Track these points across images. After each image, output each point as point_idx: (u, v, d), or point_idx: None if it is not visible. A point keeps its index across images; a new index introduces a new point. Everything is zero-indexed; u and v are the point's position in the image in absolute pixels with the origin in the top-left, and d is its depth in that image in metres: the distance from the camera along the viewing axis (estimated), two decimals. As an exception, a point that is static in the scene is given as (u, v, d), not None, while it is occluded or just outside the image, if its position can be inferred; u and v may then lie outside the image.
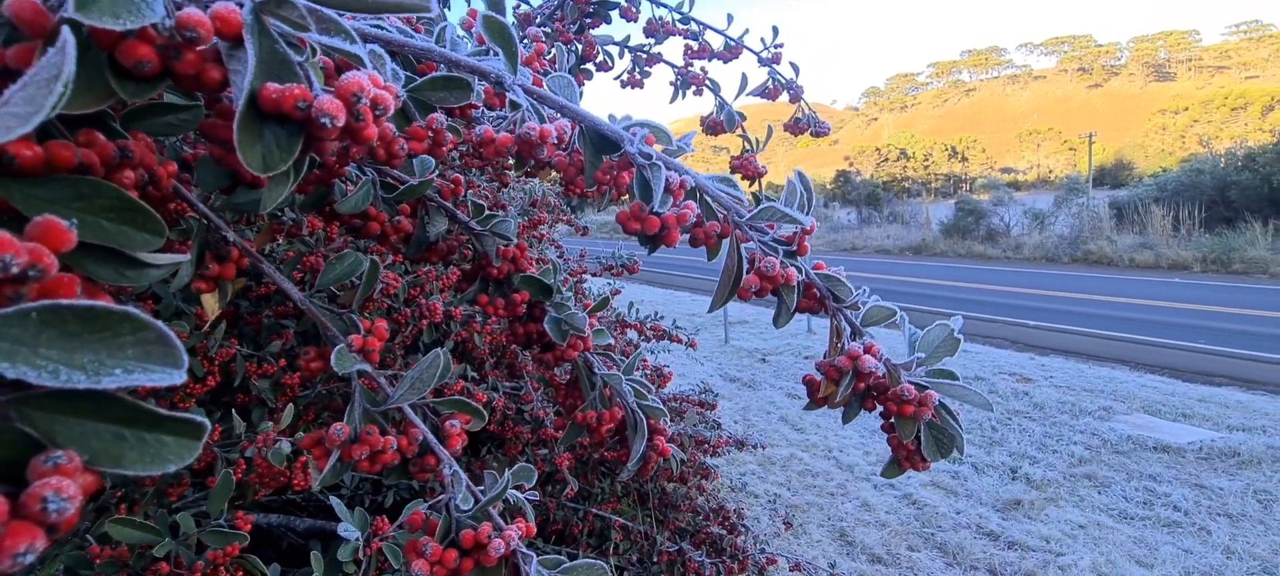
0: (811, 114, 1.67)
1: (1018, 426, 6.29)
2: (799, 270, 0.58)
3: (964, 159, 69.57)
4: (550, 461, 2.40)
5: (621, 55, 1.67)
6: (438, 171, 0.70)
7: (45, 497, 0.22)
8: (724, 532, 3.49)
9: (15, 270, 0.24)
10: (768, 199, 1.57)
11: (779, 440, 6.26)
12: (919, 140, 75.05)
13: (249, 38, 0.32)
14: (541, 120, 0.51)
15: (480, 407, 0.61)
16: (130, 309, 0.26)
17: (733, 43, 1.63)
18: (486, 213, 0.72)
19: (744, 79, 1.55)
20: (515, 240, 0.73)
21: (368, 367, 0.55)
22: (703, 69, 1.63)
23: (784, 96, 1.67)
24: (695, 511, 3.55)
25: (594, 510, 3.01)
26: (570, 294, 0.81)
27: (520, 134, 0.49)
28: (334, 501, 1.16)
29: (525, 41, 0.67)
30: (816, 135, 1.67)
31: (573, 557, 2.74)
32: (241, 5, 0.32)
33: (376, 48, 0.44)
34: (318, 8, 0.34)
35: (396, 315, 1.60)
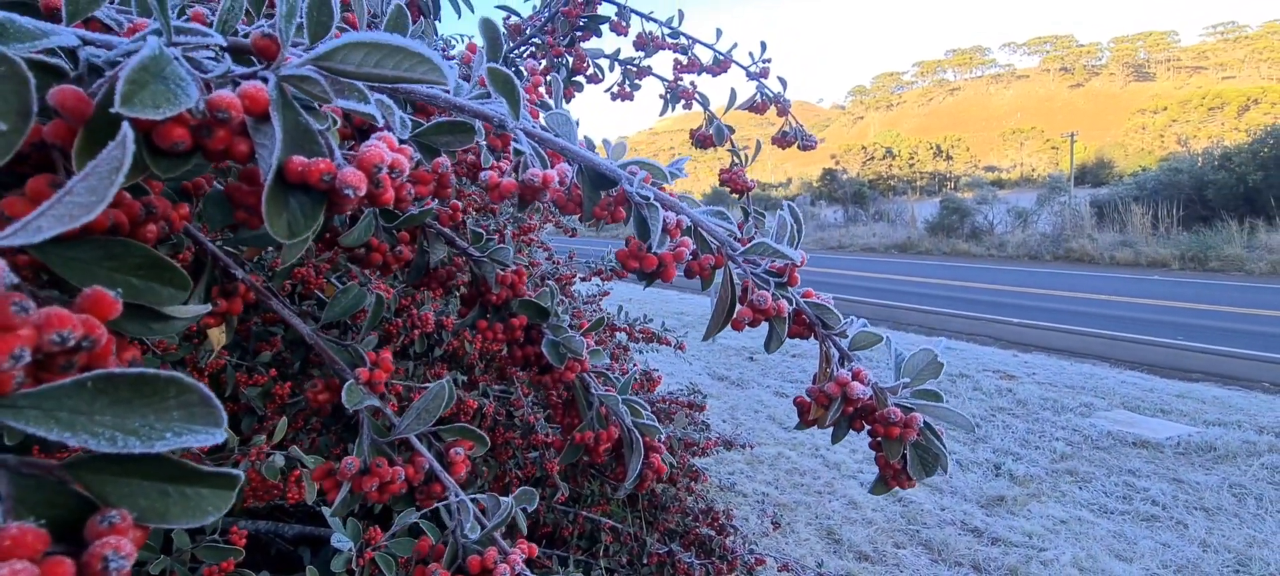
0: (799, 127, 1.70)
1: (1001, 423, 6.39)
2: (789, 300, 0.60)
3: (949, 157, 70.21)
4: (540, 465, 2.42)
5: (612, 68, 1.69)
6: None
7: (106, 557, 0.25)
8: (713, 533, 3.52)
9: (72, 343, 0.26)
10: (756, 212, 1.59)
11: (767, 438, 6.31)
12: (904, 139, 75.67)
13: (275, 114, 0.34)
14: (544, 164, 0.53)
15: (483, 434, 0.63)
16: (177, 375, 0.28)
17: (722, 57, 1.66)
18: (485, 239, 0.74)
19: (733, 94, 1.57)
20: (513, 266, 0.74)
21: (376, 402, 0.57)
22: (692, 83, 1.66)
23: (772, 110, 1.70)
24: (684, 512, 3.58)
25: (584, 512, 3.04)
26: (567, 315, 0.83)
27: (524, 180, 0.51)
28: (326, 510, 1.17)
29: (523, 74, 0.69)
30: (804, 148, 1.69)
31: (564, 562, 2.74)
32: (266, 81, 0.34)
33: (384, 98, 0.46)
34: (336, 77, 0.36)
35: (388, 325, 1.61)
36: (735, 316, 0.57)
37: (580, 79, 1.68)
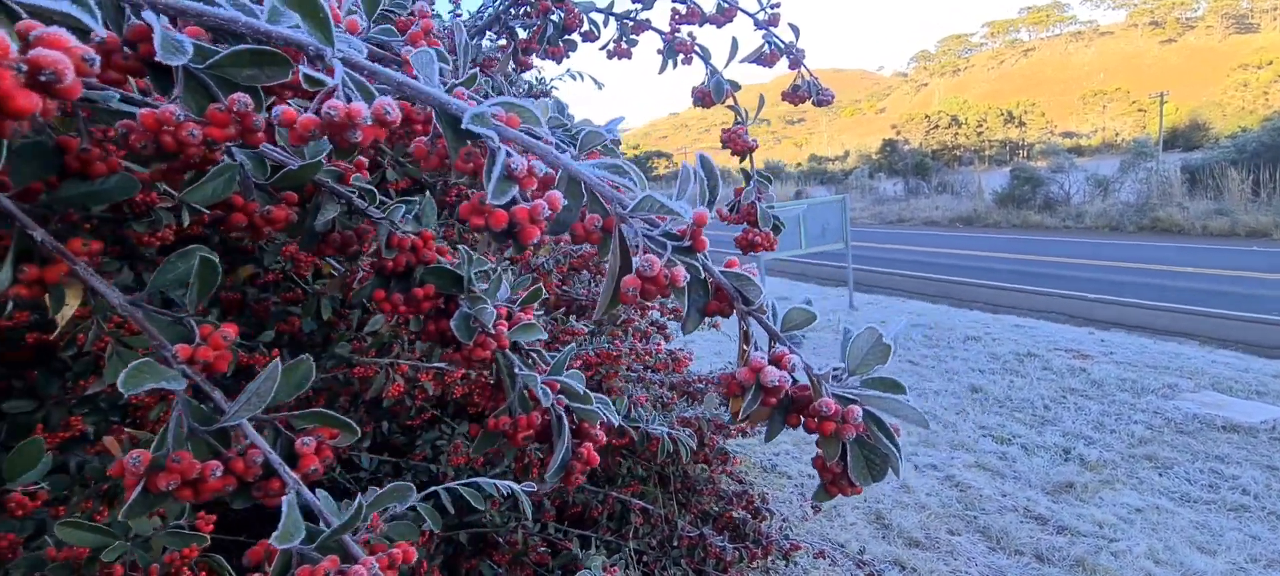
0: (813, 80, 1.54)
1: (1072, 404, 5.96)
2: (697, 268, 0.49)
3: (1021, 124, 66.20)
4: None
5: (607, 23, 1.57)
6: (332, 153, 0.64)
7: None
8: (748, 517, 3.41)
9: None
10: (758, 177, 1.45)
11: (814, 419, 6.11)
12: (972, 105, 71.77)
13: None
14: (368, 99, 0.43)
15: (351, 422, 0.55)
16: None
17: (726, 4, 1.51)
18: (379, 198, 0.65)
19: (734, 44, 1.43)
20: (412, 229, 0.66)
21: (175, 385, 0.49)
22: (691, 34, 1.52)
23: (783, 62, 1.55)
24: (718, 495, 3.48)
25: (614, 493, 2.98)
26: (497, 285, 0.74)
27: (323, 115, 0.42)
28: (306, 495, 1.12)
29: (412, 15, 0.60)
30: (819, 104, 1.54)
31: (587, 542, 2.66)
32: None
33: (149, 15, 0.37)
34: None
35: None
36: (622, 287, 0.47)
37: (574, 37, 1.57)
